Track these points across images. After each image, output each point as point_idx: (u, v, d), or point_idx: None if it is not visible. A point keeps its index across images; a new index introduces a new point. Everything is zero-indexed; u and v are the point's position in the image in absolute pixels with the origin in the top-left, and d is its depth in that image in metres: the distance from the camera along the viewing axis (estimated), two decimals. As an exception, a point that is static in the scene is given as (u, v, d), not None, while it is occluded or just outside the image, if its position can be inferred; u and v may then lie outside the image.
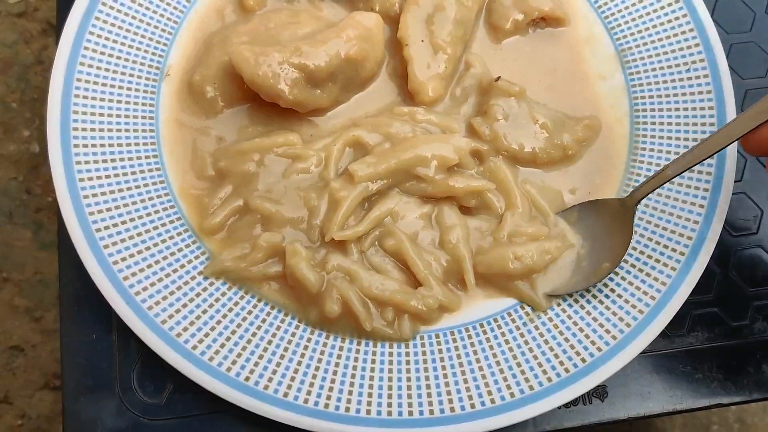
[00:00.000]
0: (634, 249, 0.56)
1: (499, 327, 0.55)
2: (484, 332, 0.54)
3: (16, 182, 1.22)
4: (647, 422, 1.08)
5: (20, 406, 1.10)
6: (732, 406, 0.59)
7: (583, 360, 0.52)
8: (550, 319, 0.54)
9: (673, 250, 0.55)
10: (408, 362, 0.53)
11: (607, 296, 0.55)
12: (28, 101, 1.27)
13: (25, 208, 1.21)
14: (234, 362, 0.51)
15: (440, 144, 0.56)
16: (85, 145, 0.56)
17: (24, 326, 1.15)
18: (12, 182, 1.22)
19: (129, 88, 0.59)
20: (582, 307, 0.55)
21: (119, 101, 0.59)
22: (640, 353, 0.52)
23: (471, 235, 0.57)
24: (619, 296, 0.54)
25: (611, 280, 0.55)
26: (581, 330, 0.53)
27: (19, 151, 1.24)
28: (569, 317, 0.54)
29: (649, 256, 0.56)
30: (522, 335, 0.54)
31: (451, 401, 0.51)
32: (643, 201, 0.58)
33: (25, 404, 1.11)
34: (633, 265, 0.56)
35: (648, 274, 0.55)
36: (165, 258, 0.54)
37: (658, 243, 0.56)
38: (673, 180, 0.58)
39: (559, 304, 0.55)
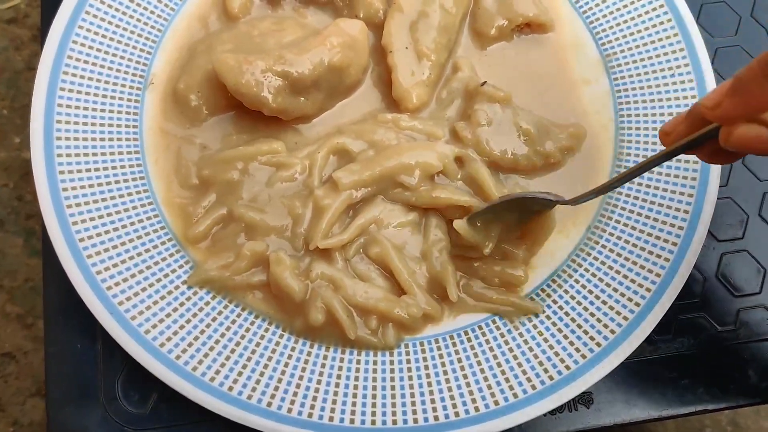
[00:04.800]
0: (619, 255, 0.56)
1: (484, 335, 0.54)
2: (469, 340, 0.54)
3: (7, 189, 1.22)
4: (639, 426, 1.08)
5: (12, 413, 1.10)
6: (724, 411, 0.58)
7: (568, 367, 0.52)
8: (535, 326, 0.54)
9: (658, 255, 0.55)
10: (392, 371, 0.53)
11: (591, 302, 0.55)
12: (18, 108, 1.26)
13: (16, 216, 1.21)
14: (218, 372, 0.51)
15: (424, 151, 0.56)
16: (69, 155, 0.56)
17: (16, 333, 1.15)
18: (3, 189, 1.22)
19: (113, 97, 0.59)
20: (566, 314, 0.55)
21: (103, 110, 0.58)
22: (626, 359, 0.52)
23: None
24: (604, 303, 0.54)
25: (596, 286, 0.55)
26: (566, 337, 0.53)
27: (9, 158, 1.24)
28: (554, 324, 0.54)
29: (634, 262, 0.55)
30: (506, 343, 0.54)
31: (435, 410, 0.51)
32: (628, 206, 0.58)
33: (17, 411, 1.10)
34: (618, 271, 0.55)
35: (633, 281, 0.55)
36: (149, 267, 0.54)
37: (642, 249, 0.56)
38: (658, 186, 0.58)
39: (543, 311, 0.55)
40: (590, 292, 0.55)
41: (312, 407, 0.51)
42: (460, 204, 0.56)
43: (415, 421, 0.51)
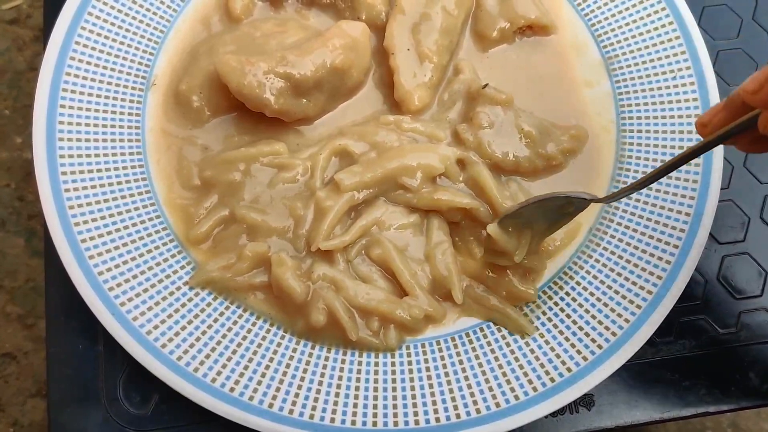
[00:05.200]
0: (620, 257, 0.56)
1: (485, 337, 0.54)
2: (470, 342, 0.54)
3: (9, 189, 1.22)
4: (641, 428, 1.08)
5: (12, 414, 1.10)
6: (726, 413, 0.58)
7: (569, 369, 0.52)
8: (536, 328, 0.54)
9: (660, 258, 0.55)
10: (394, 372, 0.53)
11: (593, 305, 0.55)
12: (20, 108, 1.27)
13: (17, 216, 1.21)
14: (219, 373, 0.51)
15: (426, 153, 0.56)
16: (71, 155, 0.56)
17: (16, 334, 1.15)
18: (4, 189, 1.22)
19: (115, 98, 0.59)
20: (568, 315, 0.55)
21: (105, 111, 0.59)
22: (627, 361, 0.52)
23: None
24: (606, 305, 0.54)
25: (597, 288, 0.55)
26: (567, 339, 0.53)
27: (11, 158, 1.24)
28: (555, 326, 0.54)
29: (636, 264, 0.55)
30: (508, 345, 0.54)
31: (436, 411, 0.51)
32: (629, 209, 0.58)
33: (17, 412, 1.10)
34: (619, 274, 0.56)
35: (634, 283, 0.55)
36: (150, 268, 0.54)
37: (644, 251, 0.56)
38: (659, 188, 0.58)
39: (544, 313, 0.55)
40: (592, 294, 0.55)
41: (313, 408, 0.51)
42: (462, 206, 0.56)
43: (416, 422, 0.51)
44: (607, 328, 0.53)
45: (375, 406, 0.51)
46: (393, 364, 0.53)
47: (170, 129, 0.60)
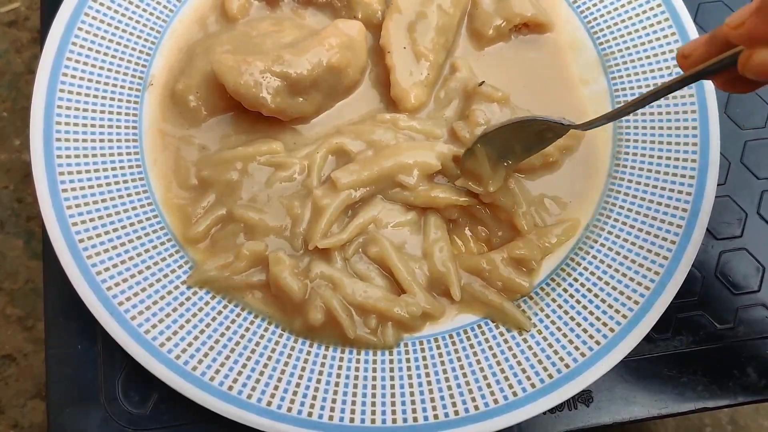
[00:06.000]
0: (618, 253, 0.56)
1: (483, 334, 0.55)
2: (468, 339, 0.54)
3: (8, 191, 1.22)
4: (638, 425, 1.08)
5: (12, 416, 1.10)
6: (724, 408, 0.58)
7: (567, 365, 0.52)
8: (534, 325, 0.54)
9: (657, 254, 0.55)
10: (392, 369, 0.53)
11: (590, 301, 0.55)
12: (19, 110, 1.27)
13: (16, 218, 1.21)
14: (218, 371, 0.51)
15: (422, 151, 0.56)
16: (68, 156, 0.56)
17: (16, 335, 1.15)
18: (3, 191, 1.22)
19: (112, 98, 0.59)
20: (566, 312, 0.55)
21: (102, 111, 0.59)
22: (625, 357, 0.52)
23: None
24: (603, 301, 0.54)
25: (595, 285, 0.55)
26: (565, 335, 0.54)
27: (10, 160, 1.24)
28: (553, 322, 0.54)
29: (633, 260, 0.56)
30: (506, 341, 0.54)
31: (435, 408, 0.51)
32: (627, 205, 0.58)
33: (17, 413, 1.10)
34: (617, 270, 0.56)
35: (631, 279, 0.55)
36: (148, 268, 0.54)
37: (641, 247, 0.56)
38: (656, 185, 0.58)
39: (542, 309, 0.55)
40: (589, 290, 0.55)
41: (312, 406, 0.51)
42: (459, 204, 0.56)
43: (415, 419, 0.51)
44: (605, 324, 0.53)
45: (373, 404, 0.51)
46: (391, 361, 0.53)
47: (167, 129, 0.60)
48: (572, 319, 0.54)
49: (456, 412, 0.51)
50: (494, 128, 0.53)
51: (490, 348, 0.54)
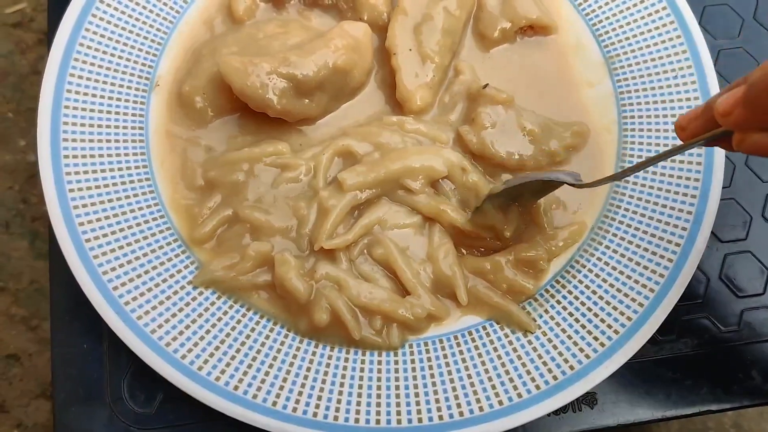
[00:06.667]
0: (622, 256, 0.56)
1: (488, 335, 0.55)
2: (473, 340, 0.54)
3: (12, 192, 1.23)
4: (642, 427, 1.08)
5: (16, 416, 1.10)
6: (728, 411, 0.58)
7: (572, 367, 0.52)
8: (539, 327, 0.55)
9: (661, 256, 0.55)
10: (397, 371, 0.53)
11: (595, 303, 0.55)
12: (24, 111, 1.27)
13: (21, 218, 1.21)
14: (223, 371, 0.51)
15: (430, 156, 0.57)
16: (75, 156, 0.56)
17: (20, 335, 1.15)
18: (8, 192, 1.22)
19: (119, 99, 0.60)
20: (570, 314, 0.55)
21: (109, 112, 0.59)
22: (630, 360, 0.53)
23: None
24: (608, 303, 0.55)
25: (599, 287, 0.55)
26: (569, 337, 0.54)
27: (15, 161, 1.24)
28: (557, 324, 0.54)
29: (637, 263, 0.56)
30: (510, 343, 0.54)
31: (439, 409, 0.51)
32: (631, 208, 0.58)
33: (22, 413, 1.11)
34: (621, 272, 0.56)
35: (636, 281, 0.55)
36: (155, 268, 0.55)
37: (646, 249, 0.56)
38: (660, 187, 0.58)
39: (547, 311, 0.55)
40: (594, 292, 0.55)
41: (317, 407, 0.51)
42: (462, 229, 0.56)
43: (420, 420, 0.51)
44: (609, 326, 0.53)
45: (378, 404, 0.51)
46: (396, 362, 0.54)
47: (174, 130, 0.60)
48: (577, 321, 0.54)
49: (461, 413, 0.51)
50: (499, 190, 0.54)
51: (495, 349, 0.54)
